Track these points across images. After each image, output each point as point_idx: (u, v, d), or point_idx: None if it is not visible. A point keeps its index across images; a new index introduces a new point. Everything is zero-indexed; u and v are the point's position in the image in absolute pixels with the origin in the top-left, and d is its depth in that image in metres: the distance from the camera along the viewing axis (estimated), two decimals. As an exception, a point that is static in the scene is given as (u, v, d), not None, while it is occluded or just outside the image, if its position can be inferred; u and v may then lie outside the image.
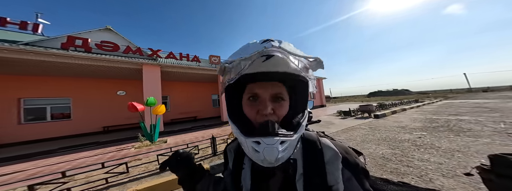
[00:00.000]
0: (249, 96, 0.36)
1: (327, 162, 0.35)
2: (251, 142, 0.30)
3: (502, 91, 25.43)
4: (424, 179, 1.81)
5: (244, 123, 0.35)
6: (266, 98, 0.34)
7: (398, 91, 49.73)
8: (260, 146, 0.29)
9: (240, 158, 0.41)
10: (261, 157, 0.29)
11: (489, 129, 3.65)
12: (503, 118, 4.67)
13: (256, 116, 0.34)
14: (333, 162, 0.35)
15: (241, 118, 0.36)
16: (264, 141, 0.29)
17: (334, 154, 0.35)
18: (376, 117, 6.40)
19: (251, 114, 0.35)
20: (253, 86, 0.35)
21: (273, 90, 0.35)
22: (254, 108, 0.35)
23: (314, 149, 0.36)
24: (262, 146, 0.29)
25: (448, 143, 2.92)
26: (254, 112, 0.35)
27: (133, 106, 4.26)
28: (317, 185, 0.33)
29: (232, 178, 0.41)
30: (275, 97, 0.35)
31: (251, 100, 0.36)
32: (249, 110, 0.35)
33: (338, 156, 0.35)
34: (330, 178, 0.33)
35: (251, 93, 0.36)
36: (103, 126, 7.36)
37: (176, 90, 9.92)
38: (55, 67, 5.64)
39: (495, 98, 12.23)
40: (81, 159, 3.60)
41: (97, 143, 5.19)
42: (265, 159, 0.29)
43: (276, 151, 0.28)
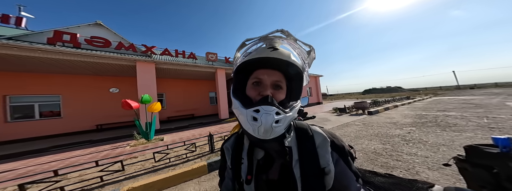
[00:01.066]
0: (254, 81, 0.41)
1: (318, 146, 0.39)
2: (251, 111, 0.34)
3: (488, 88, 26.69)
4: (411, 172, 1.91)
5: (245, 99, 0.40)
6: (268, 84, 0.39)
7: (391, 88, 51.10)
8: (259, 114, 0.34)
9: (238, 154, 0.44)
10: (258, 124, 0.33)
11: (473, 124, 3.85)
12: (487, 114, 4.93)
13: (256, 96, 0.39)
14: (323, 146, 0.39)
15: (243, 96, 0.41)
16: (263, 108, 0.34)
17: (323, 139, 0.40)
18: (369, 114, 6.58)
19: (253, 94, 0.40)
20: (258, 72, 0.41)
21: (274, 77, 0.40)
22: (256, 91, 0.40)
23: (306, 135, 0.41)
24: (261, 113, 0.33)
25: (435, 137, 3.07)
26: (255, 94, 0.40)
27: (127, 104, 4.17)
28: (312, 168, 0.36)
29: (232, 174, 0.43)
30: (275, 85, 0.40)
31: (255, 84, 0.41)
32: (252, 91, 0.40)
33: (326, 140, 0.40)
34: (322, 161, 0.37)
35: (256, 78, 0.41)
36: (96, 124, 7.18)
37: (172, 88, 9.76)
38: (42, 63, 5.38)
39: (480, 94, 12.84)
40: (74, 157, 3.53)
41: (90, 142, 5.08)
42: (261, 126, 0.33)
43: (272, 118, 0.33)
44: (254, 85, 0.40)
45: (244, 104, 0.37)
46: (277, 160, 0.40)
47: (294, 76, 0.42)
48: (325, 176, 0.36)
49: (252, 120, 0.34)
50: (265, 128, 0.33)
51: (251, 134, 0.35)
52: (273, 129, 0.33)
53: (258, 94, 0.39)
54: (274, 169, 0.40)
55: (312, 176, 0.36)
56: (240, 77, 0.44)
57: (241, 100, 0.39)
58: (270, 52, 0.38)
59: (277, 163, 0.40)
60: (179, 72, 8.46)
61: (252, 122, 0.34)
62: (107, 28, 7.01)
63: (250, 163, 0.41)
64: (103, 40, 6.20)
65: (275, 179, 0.39)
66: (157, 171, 2.32)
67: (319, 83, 16.45)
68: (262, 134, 0.34)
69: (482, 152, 0.54)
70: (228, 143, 0.49)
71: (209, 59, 8.91)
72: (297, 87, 0.43)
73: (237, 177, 0.42)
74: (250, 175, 0.40)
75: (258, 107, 0.34)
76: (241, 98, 0.40)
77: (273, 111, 0.34)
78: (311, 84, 15.68)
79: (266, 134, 0.34)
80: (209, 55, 8.93)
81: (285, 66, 0.39)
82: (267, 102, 0.35)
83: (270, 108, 0.34)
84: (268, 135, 0.34)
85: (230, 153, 0.46)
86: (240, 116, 0.37)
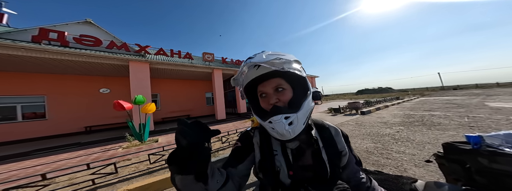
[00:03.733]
0: (260, 94, 0.48)
1: (334, 135, 0.52)
2: (267, 123, 0.42)
3: (469, 89, 28.46)
4: (400, 169, 2.01)
5: (261, 113, 0.47)
6: (271, 92, 0.46)
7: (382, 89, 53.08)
8: (272, 124, 0.41)
9: (268, 148, 0.49)
10: (276, 132, 0.41)
11: (455, 123, 4.12)
12: (467, 113, 5.27)
13: (268, 106, 0.46)
14: (337, 134, 0.53)
15: (260, 111, 0.48)
16: (273, 119, 0.41)
17: (336, 129, 0.54)
18: (362, 114, 6.81)
19: (266, 106, 0.47)
20: (260, 86, 0.48)
21: (273, 84, 0.47)
22: (266, 102, 0.47)
23: (324, 128, 0.53)
24: (273, 123, 0.41)
25: (421, 136, 3.25)
26: (267, 104, 0.46)
27: (120, 105, 4.05)
28: (334, 152, 0.49)
29: (268, 164, 0.47)
30: (277, 89, 0.46)
31: (263, 97, 0.48)
32: (263, 104, 0.48)
33: (338, 131, 0.54)
34: (340, 146, 0.51)
35: (260, 91, 0.48)
36: (84, 126, 6.88)
37: (167, 88, 9.55)
38: (26, 62, 5.09)
39: (462, 95, 13.67)
40: (62, 161, 3.37)
41: (78, 144, 4.86)
42: (278, 133, 0.41)
43: (282, 125, 0.40)
44: (263, 97, 0.48)
45: (262, 118, 0.45)
46: (307, 149, 0.48)
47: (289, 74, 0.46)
48: (342, 157, 0.50)
49: (271, 129, 0.42)
50: (281, 133, 0.40)
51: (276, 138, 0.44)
52: (290, 131, 0.40)
53: (268, 104, 0.46)
54: (307, 156, 0.48)
55: (335, 158, 0.48)
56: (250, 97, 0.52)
57: (259, 115, 0.46)
58: (256, 71, 0.45)
59: (308, 151, 0.48)
60: (175, 72, 8.31)
61: (271, 130, 0.42)
62: (98, 27, 6.76)
63: (285, 153, 0.47)
64: (93, 39, 5.97)
65: (310, 164, 0.47)
66: (153, 173, 2.28)
67: (314, 84, 16.78)
68: (282, 137, 0.41)
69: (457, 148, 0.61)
70: (256, 139, 0.52)
71: (206, 59, 8.83)
72: (298, 81, 0.48)
73: (273, 167, 0.46)
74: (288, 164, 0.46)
75: (270, 119, 0.41)
76: (259, 113, 0.47)
77: (281, 119, 0.40)
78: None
79: (285, 136, 0.41)
80: (206, 55, 8.85)
81: (276, 72, 0.45)
82: (274, 112, 0.42)
83: (278, 117, 0.40)
84: (288, 136, 0.41)
85: (258, 147, 0.51)
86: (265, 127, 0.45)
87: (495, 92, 14.87)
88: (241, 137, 0.56)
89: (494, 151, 0.49)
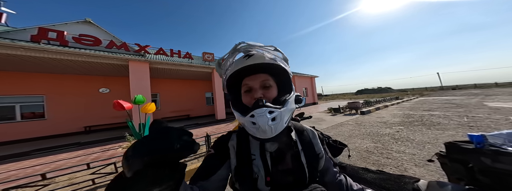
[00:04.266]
0: (245, 89, 0.45)
1: (312, 138, 0.51)
2: (248, 117, 0.38)
3: (468, 89, 28.60)
4: (400, 169, 2.02)
5: (243, 108, 0.43)
6: (257, 87, 0.44)
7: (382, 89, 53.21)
8: (254, 118, 0.37)
9: (246, 152, 0.45)
10: (256, 126, 0.37)
11: (455, 122, 4.13)
12: (466, 113, 5.30)
13: (251, 101, 0.43)
14: (314, 137, 0.52)
15: (241, 106, 0.45)
16: (256, 112, 0.37)
17: (312, 132, 0.54)
18: (362, 114, 6.83)
19: (248, 101, 0.44)
20: (245, 80, 0.45)
21: (260, 79, 0.44)
22: (250, 97, 0.44)
23: (302, 131, 0.52)
24: (256, 117, 0.37)
25: (421, 136, 3.26)
26: (249, 99, 0.43)
27: (119, 105, 4.03)
28: (312, 155, 0.48)
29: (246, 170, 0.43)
30: (264, 86, 0.44)
31: (247, 92, 0.45)
32: (246, 99, 0.45)
33: (315, 133, 0.54)
34: (317, 148, 0.50)
35: (245, 85, 0.45)
36: (84, 126, 6.86)
37: (167, 88, 9.53)
38: (24, 61, 5.06)
39: (461, 95, 13.72)
40: (61, 161, 3.36)
41: (78, 144, 4.85)
42: (260, 127, 0.36)
43: (266, 118, 0.36)
44: (247, 92, 0.45)
45: (242, 113, 0.41)
46: (287, 152, 0.46)
47: (279, 71, 0.46)
48: (320, 160, 0.48)
49: (252, 125, 0.38)
50: (263, 129, 0.36)
51: (257, 137, 0.39)
52: (272, 127, 0.37)
53: (252, 98, 0.43)
54: (287, 159, 0.45)
55: (314, 161, 0.47)
56: (232, 90, 0.48)
57: (239, 110, 0.42)
58: (246, 60, 0.42)
59: (288, 154, 0.46)
60: (174, 72, 8.29)
61: (252, 126, 0.38)
62: (97, 26, 6.74)
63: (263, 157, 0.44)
64: (93, 38, 5.95)
65: (290, 168, 0.44)
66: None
67: (314, 84, 16.79)
68: (263, 134, 0.37)
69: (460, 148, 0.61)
70: (232, 142, 0.48)
71: (206, 59, 8.82)
72: (285, 80, 0.47)
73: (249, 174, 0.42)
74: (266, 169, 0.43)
75: (252, 112, 0.37)
76: (239, 108, 0.43)
77: (265, 112, 0.36)
78: (307, 85, 15.97)
79: (267, 133, 0.37)
80: (206, 55, 8.84)
81: (266, 67, 0.43)
82: (258, 105, 0.38)
83: (262, 110, 0.37)
84: (269, 134, 0.37)
85: (234, 151, 0.46)
86: (244, 124, 0.41)
87: (493, 92, 14.93)
88: (215, 143, 0.50)
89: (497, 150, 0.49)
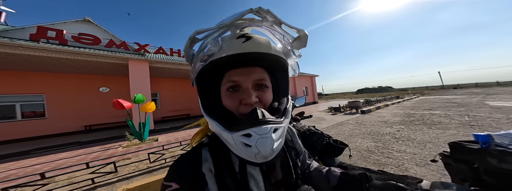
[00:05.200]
0: (229, 86, 0.31)
1: (292, 137, 0.47)
2: (239, 136, 0.25)
3: (469, 88, 28.53)
4: (401, 168, 2.01)
5: (225, 117, 0.29)
6: (249, 87, 0.30)
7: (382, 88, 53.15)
8: (251, 139, 0.24)
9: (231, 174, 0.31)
10: (255, 151, 0.24)
11: (456, 122, 4.11)
12: (468, 112, 5.27)
13: (238, 106, 0.30)
14: (294, 135, 0.48)
15: (221, 112, 0.30)
16: (255, 132, 0.24)
17: (292, 130, 0.49)
18: (362, 113, 6.81)
19: (233, 105, 0.30)
20: (232, 73, 0.30)
21: (255, 76, 0.31)
22: (236, 99, 0.30)
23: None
24: (254, 138, 0.24)
25: (422, 135, 3.24)
26: (236, 103, 0.30)
27: (119, 104, 4.03)
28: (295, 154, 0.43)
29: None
30: (258, 85, 0.31)
31: (231, 90, 0.31)
32: (230, 101, 0.30)
33: (293, 131, 0.49)
34: (297, 147, 0.46)
35: (230, 81, 0.30)
36: (84, 125, 6.87)
37: (167, 87, 9.53)
38: (24, 60, 5.05)
39: (462, 94, 13.68)
40: (60, 160, 3.36)
41: (78, 143, 4.86)
42: (260, 153, 0.24)
43: (271, 141, 0.25)
44: (231, 91, 0.31)
45: (226, 126, 0.27)
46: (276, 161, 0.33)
47: (278, 68, 0.34)
48: (301, 158, 0.45)
49: (244, 146, 0.25)
50: (264, 155, 0.24)
51: (251, 161, 0.26)
52: (274, 149, 0.25)
53: (240, 103, 0.30)
54: (277, 170, 0.36)
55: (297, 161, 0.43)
56: (206, 85, 0.33)
57: (220, 120, 0.28)
58: (242, 44, 0.27)
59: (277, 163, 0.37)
60: (174, 71, 8.27)
61: (244, 148, 0.25)
62: (97, 25, 6.71)
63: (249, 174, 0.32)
64: (92, 37, 5.93)
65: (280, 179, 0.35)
66: (153, 172, 2.27)
67: (315, 83, 16.76)
68: (261, 160, 0.25)
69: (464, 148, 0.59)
70: (206, 164, 0.31)
71: (205, 58, 8.81)
72: (283, 80, 0.36)
73: None
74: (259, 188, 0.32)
75: (249, 130, 0.25)
76: (218, 115, 0.30)
77: (269, 132, 0.25)
78: (307, 84, 15.94)
79: (267, 158, 0.25)
80: (205, 54, 8.83)
81: (265, 58, 0.30)
82: (258, 120, 0.26)
83: (265, 129, 0.25)
84: (269, 158, 0.25)
85: (213, 175, 0.30)
86: (226, 140, 0.28)
87: (495, 91, 14.87)
88: (176, 171, 0.31)
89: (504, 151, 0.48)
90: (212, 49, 0.28)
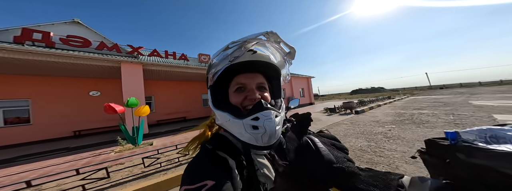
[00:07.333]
0: (237, 87, 0.38)
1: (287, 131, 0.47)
2: (249, 120, 0.32)
3: (454, 88, 30.02)
4: (392, 166, 2.09)
5: (234, 109, 0.36)
6: (253, 87, 0.38)
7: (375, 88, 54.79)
8: (259, 121, 0.32)
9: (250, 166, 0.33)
10: (262, 131, 0.31)
11: (442, 120, 4.33)
12: (453, 111, 5.56)
13: (243, 101, 0.37)
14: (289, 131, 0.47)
15: (229, 106, 0.38)
16: (262, 115, 0.32)
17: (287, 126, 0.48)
18: (356, 113, 7.00)
19: (239, 100, 0.37)
20: (239, 77, 0.39)
21: (258, 80, 0.40)
22: (242, 96, 0.38)
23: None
24: (261, 120, 0.32)
25: (411, 134, 3.39)
26: (241, 99, 0.37)
27: (111, 108, 3.92)
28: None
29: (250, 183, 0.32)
30: (260, 87, 0.40)
31: (239, 91, 0.38)
32: (237, 98, 0.38)
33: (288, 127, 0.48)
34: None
35: (239, 84, 0.38)
36: (73, 130, 6.59)
37: (162, 90, 9.35)
38: (8, 64, 4.82)
39: (448, 94, 14.38)
40: (49, 167, 3.21)
41: (67, 149, 4.65)
42: (266, 132, 0.31)
43: (274, 122, 0.32)
44: (238, 91, 0.38)
45: (236, 115, 0.34)
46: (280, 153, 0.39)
47: (274, 76, 0.44)
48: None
49: (252, 129, 0.32)
50: (270, 134, 0.31)
51: (254, 144, 0.32)
52: (277, 130, 0.32)
53: (245, 99, 0.37)
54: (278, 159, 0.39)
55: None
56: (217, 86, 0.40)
57: (230, 111, 0.35)
58: (251, 55, 0.37)
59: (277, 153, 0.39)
60: (169, 74, 8.15)
61: (252, 131, 0.32)
62: (87, 27, 6.54)
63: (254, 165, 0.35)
64: (82, 40, 5.75)
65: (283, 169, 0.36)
66: (147, 177, 2.22)
67: (311, 84, 17.02)
68: (266, 141, 0.32)
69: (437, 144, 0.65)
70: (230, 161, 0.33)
71: (202, 60, 8.75)
72: (277, 85, 0.46)
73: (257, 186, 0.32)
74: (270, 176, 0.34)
75: (257, 114, 0.32)
76: (228, 109, 0.36)
77: (272, 115, 0.33)
78: (303, 85, 16.15)
79: (271, 140, 0.32)
80: (202, 57, 8.77)
81: (265, 68, 0.41)
82: (263, 107, 0.33)
83: (269, 112, 0.33)
84: (272, 140, 0.32)
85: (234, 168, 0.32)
86: (234, 128, 0.35)
87: (478, 90, 15.76)
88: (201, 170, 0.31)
89: (469, 146, 0.53)
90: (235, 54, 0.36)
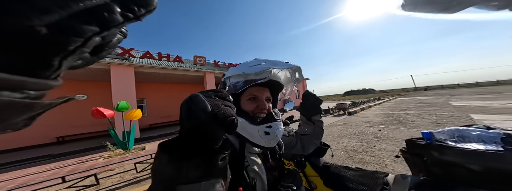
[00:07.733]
0: (250, 97, 0.47)
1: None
2: (264, 127, 0.42)
3: (436, 89, 32.05)
4: (381, 165, 2.19)
5: (247, 116, 0.45)
6: (264, 99, 0.48)
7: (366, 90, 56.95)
8: (272, 129, 0.42)
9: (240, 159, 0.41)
10: (272, 137, 0.41)
11: (426, 120, 4.61)
12: (435, 111, 5.94)
13: (254, 109, 0.46)
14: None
15: (242, 114, 0.45)
16: (275, 124, 0.43)
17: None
18: (349, 114, 7.24)
19: (251, 108, 0.46)
20: (253, 89, 0.48)
21: (267, 94, 0.50)
22: (254, 105, 0.47)
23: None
24: (274, 128, 0.42)
25: (399, 133, 3.57)
26: (252, 107, 0.46)
27: (99, 112, 3.75)
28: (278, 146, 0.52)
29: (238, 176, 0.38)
30: (268, 99, 0.50)
31: (251, 100, 0.47)
32: (249, 105, 0.47)
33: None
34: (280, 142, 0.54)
35: (252, 94, 0.47)
36: (56, 136, 6.18)
37: (154, 93, 9.06)
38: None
39: (432, 95, 15.33)
40: (29, 175, 2.98)
41: (50, 156, 4.35)
42: (275, 138, 0.42)
43: (281, 131, 0.44)
44: (251, 100, 0.47)
45: (251, 121, 0.43)
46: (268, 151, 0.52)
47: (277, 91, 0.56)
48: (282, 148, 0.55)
49: (264, 134, 0.41)
50: (276, 140, 0.42)
51: (262, 146, 0.42)
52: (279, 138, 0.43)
53: (256, 107, 0.46)
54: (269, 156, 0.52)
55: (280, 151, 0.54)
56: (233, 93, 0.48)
57: (246, 118, 0.43)
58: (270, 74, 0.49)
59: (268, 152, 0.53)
60: (163, 76, 7.95)
61: (264, 136, 0.41)
62: (75, 27, 6.26)
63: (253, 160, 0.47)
64: (70, 40, 5.50)
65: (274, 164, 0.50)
66: (140, 182, 2.15)
67: (306, 86, 17.35)
68: (272, 144, 0.43)
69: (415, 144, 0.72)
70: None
71: (197, 62, 8.62)
72: (276, 98, 0.58)
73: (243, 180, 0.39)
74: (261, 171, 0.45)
75: (272, 123, 0.42)
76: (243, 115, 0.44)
77: (281, 125, 0.43)
78: (299, 87, 16.41)
79: (275, 143, 0.43)
80: (197, 59, 8.66)
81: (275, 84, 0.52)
82: (274, 118, 0.44)
83: (280, 123, 0.43)
84: (275, 143, 0.43)
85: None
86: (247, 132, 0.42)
87: (457, 92, 16.95)
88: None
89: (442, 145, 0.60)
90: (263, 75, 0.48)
